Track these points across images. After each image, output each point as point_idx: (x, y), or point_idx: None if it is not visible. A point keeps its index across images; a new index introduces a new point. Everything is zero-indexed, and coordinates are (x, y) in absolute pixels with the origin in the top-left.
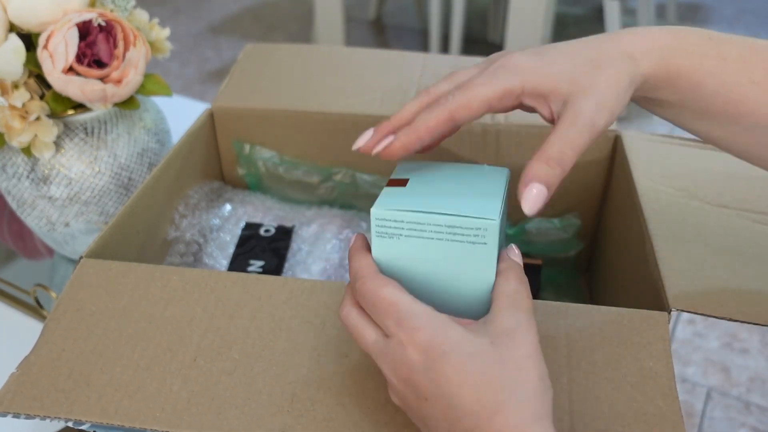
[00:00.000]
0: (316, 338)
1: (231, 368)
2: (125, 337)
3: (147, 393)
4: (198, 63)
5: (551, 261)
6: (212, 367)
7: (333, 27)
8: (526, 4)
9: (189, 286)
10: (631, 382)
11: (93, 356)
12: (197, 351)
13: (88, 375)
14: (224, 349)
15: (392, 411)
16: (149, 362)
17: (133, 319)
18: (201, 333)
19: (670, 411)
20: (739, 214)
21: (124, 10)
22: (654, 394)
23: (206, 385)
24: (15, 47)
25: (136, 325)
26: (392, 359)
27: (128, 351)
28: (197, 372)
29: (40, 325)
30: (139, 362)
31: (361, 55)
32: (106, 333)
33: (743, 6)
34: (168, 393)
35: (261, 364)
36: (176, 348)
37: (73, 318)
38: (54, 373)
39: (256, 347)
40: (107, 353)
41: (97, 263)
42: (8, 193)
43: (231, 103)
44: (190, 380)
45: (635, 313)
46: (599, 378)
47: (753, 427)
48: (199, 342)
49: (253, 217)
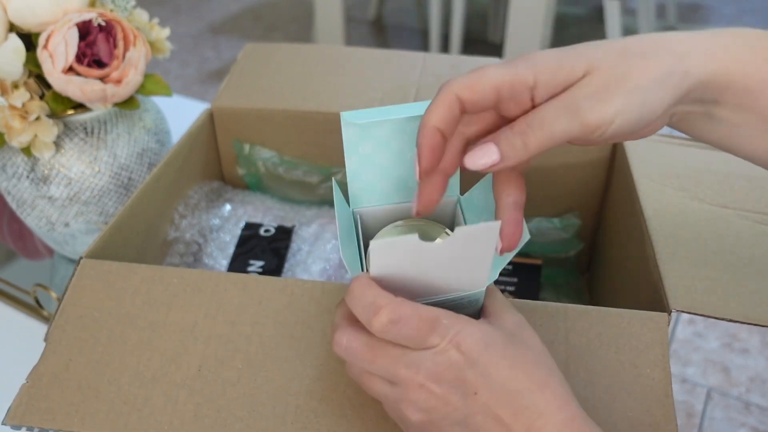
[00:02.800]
0: (317, 346)
1: (235, 379)
2: (129, 345)
3: (154, 406)
4: (198, 63)
5: (551, 261)
6: (216, 378)
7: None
8: (526, 4)
9: (190, 290)
10: (628, 390)
11: (99, 366)
12: (201, 360)
13: (97, 387)
14: (227, 358)
15: (393, 422)
16: (155, 373)
17: (137, 326)
18: (204, 341)
19: (665, 420)
20: (739, 214)
21: (124, 10)
22: (650, 404)
23: (211, 397)
24: (15, 47)
25: (140, 332)
26: (433, 369)
27: (133, 361)
28: (202, 383)
29: (41, 325)
30: (145, 373)
31: (361, 55)
32: (110, 341)
33: (743, 6)
34: (174, 405)
35: (264, 374)
36: (180, 358)
37: (77, 325)
38: (63, 385)
39: (258, 356)
40: (113, 363)
41: (97, 264)
42: (8, 193)
43: (231, 103)
44: (195, 392)
45: (635, 314)
46: (597, 387)
47: (753, 427)
48: (202, 350)
49: (253, 217)
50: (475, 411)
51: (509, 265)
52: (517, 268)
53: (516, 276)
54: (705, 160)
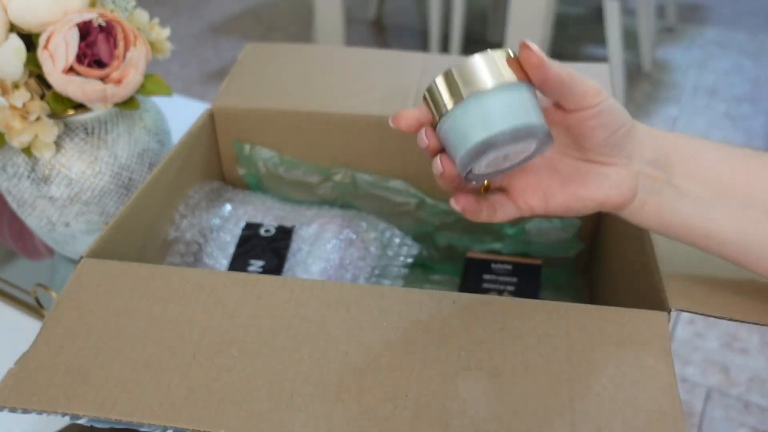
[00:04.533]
0: (316, 336)
1: (230, 365)
2: (124, 335)
3: (145, 389)
4: (198, 63)
5: (551, 261)
6: (211, 364)
7: (333, 27)
8: (526, 4)
9: (189, 286)
10: (631, 379)
11: (91, 353)
12: (197, 348)
13: (87, 371)
14: (224, 347)
15: (391, 408)
16: (148, 359)
17: (133, 318)
18: (201, 331)
19: (671, 408)
20: None
21: (125, 10)
22: (655, 392)
23: (205, 382)
24: (15, 47)
25: (136, 323)
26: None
27: (127, 348)
28: (196, 369)
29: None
30: (138, 359)
31: (361, 55)
32: (105, 331)
33: (743, 6)
34: (167, 389)
35: (260, 362)
36: (176, 346)
37: (72, 316)
38: (52, 370)
39: (255, 345)
40: (106, 350)
41: (97, 263)
42: (8, 193)
43: (231, 103)
44: (188, 376)
45: (635, 312)
46: (600, 376)
47: (753, 427)
48: (198, 340)
49: (253, 217)
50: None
51: (509, 265)
52: (517, 268)
53: (516, 276)
54: None
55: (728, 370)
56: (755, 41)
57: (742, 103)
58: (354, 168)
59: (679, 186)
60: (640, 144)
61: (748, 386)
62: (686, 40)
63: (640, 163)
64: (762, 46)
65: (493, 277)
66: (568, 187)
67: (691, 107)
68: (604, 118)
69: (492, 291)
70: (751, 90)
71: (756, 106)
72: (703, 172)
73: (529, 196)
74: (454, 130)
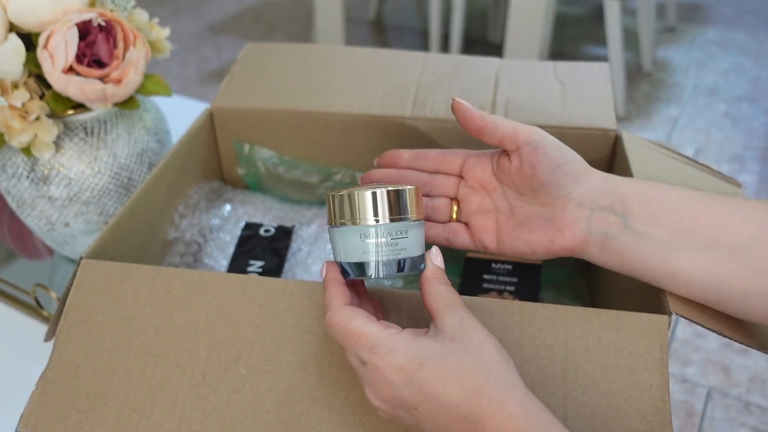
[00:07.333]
0: (319, 350)
1: (239, 385)
2: (134, 351)
3: (162, 413)
4: (198, 63)
5: (551, 261)
6: (221, 385)
7: (333, 27)
8: (526, 4)
9: (191, 292)
10: (625, 396)
11: (106, 373)
12: (205, 367)
13: (105, 394)
14: (231, 364)
15: (394, 429)
16: (160, 379)
17: (140, 330)
18: (207, 346)
19: (660, 426)
20: None
21: (124, 10)
22: (647, 410)
23: (217, 404)
24: (15, 47)
25: (143, 337)
26: (373, 384)
27: (139, 367)
28: (207, 390)
29: (41, 325)
30: (151, 379)
31: (361, 55)
32: (115, 347)
33: (743, 6)
34: (182, 413)
35: (268, 380)
36: (185, 363)
37: (81, 330)
38: (72, 392)
39: (261, 361)
40: (119, 369)
41: (97, 265)
42: (8, 193)
43: (231, 103)
44: (201, 399)
45: (635, 317)
46: (594, 393)
47: (753, 427)
48: (206, 357)
49: (253, 217)
50: (421, 421)
51: (509, 265)
52: (517, 268)
53: (516, 276)
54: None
55: (729, 370)
56: (755, 41)
57: (742, 102)
58: (354, 168)
59: (638, 229)
60: (594, 189)
61: (749, 386)
62: (686, 40)
63: (591, 208)
64: (762, 46)
65: (493, 277)
66: (517, 231)
67: (691, 107)
68: (539, 155)
69: (492, 291)
70: (752, 90)
71: (756, 106)
72: (665, 215)
73: (483, 234)
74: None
